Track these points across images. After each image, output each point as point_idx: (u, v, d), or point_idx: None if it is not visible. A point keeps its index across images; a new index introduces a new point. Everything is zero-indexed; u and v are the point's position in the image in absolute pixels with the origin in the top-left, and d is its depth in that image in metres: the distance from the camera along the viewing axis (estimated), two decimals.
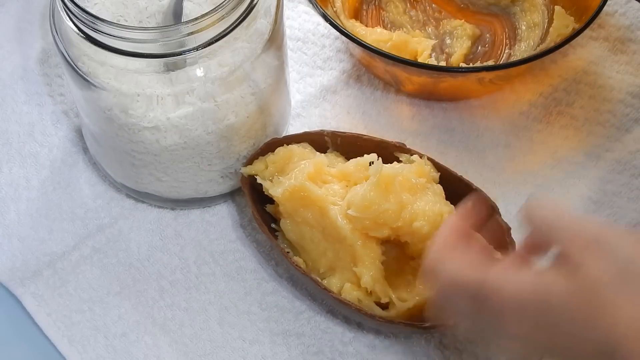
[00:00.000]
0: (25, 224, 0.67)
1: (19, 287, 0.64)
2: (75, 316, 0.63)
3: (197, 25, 0.56)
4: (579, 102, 0.72)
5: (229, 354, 0.62)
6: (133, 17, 0.61)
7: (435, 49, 0.73)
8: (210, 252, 0.66)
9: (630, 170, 0.68)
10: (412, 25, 0.75)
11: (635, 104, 0.71)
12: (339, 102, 0.73)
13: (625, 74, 0.73)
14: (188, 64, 0.58)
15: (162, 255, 0.66)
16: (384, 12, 0.76)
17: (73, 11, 0.56)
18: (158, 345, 0.62)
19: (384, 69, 0.70)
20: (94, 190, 0.68)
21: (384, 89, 0.73)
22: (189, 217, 0.67)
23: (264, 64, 0.61)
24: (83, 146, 0.70)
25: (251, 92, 0.62)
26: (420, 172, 0.61)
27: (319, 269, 0.62)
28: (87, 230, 0.67)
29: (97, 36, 0.56)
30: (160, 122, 0.60)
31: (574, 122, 0.71)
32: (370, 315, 0.59)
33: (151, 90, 0.58)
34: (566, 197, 0.67)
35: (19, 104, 0.73)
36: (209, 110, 0.60)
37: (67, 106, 0.72)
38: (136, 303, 0.64)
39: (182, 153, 0.62)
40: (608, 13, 0.75)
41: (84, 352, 0.62)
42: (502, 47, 0.74)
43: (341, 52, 0.75)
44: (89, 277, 0.65)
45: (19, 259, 0.66)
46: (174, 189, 0.66)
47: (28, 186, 0.69)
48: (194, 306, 0.64)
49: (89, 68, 0.59)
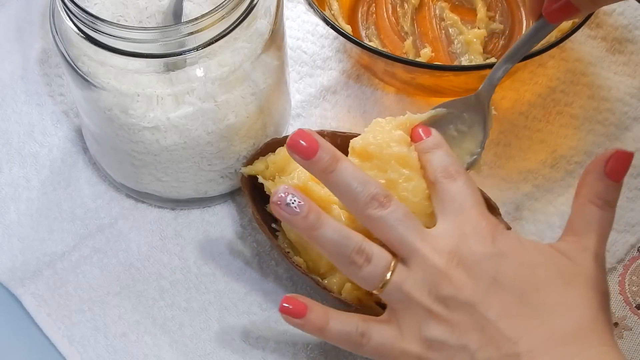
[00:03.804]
0: (25, 224, 0.67)
1: (19, 287, 0.64)
2: (75, 316, 0.63)
3: (197, 25, 0.56)
4: (578, 102, 0.72)
5: (229, 354, 0.62)
6: (133, 17, 0.61)
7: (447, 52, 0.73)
8: (210, 252, 0.66)
9: (629, 170, 0.68)
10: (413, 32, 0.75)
11: (633, 103, 0.71)
12: (339, 102, 0.73)
13: (623, 75, 0.73)
14: (188, 64, 0.58)
15: (162, 255, 0.66)
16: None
17: (73, 11, 0.56)
18: (158, 345, 0.62)
19: (383, 69, 0.70)
20: (94, 190, 0.68)
21: (384, 88, 0.73)
22: (189, 217, 0.67)
23: (264, 64, 0.61)
24: (83, 146, 0.70)
25: (251, 92, 0.62)
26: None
27: (319, 269, 0.62)
28: (87, 230, 0.67)
29: (97, 36, 0.56)
30: (160, 122, 0.60)
31: (573, 122, 0.71)
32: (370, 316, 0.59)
33: (151, 90, 0.58)
34: (566, 197, 0.67)
35: (19, 104, 0.73)
36: (209, 110, 0.60)
37: (67, 106, 0.72)
38: (136, 303, 0.64)
39: (182, 153, 0.62)
40: (606, 12, 0.76)
41: (84, 352, 0.62)
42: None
43: (340, 52, 0.75)
44: (89, 277, 0.65)
45: (19, 259, 0.66)
46: (174, 189, 0.66)
47: (28, 186, 0.69)
48: (194, 306, 0.64)
49: (89, 68, 0.59)
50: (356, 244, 0.56)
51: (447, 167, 0.58)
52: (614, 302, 0.64)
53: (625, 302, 0.64)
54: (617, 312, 0.63)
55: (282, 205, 0.56)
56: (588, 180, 0.56)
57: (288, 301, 0.57)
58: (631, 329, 0.63)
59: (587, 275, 0.54)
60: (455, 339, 0.53)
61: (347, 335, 0.56)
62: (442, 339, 0.53)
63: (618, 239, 0.66)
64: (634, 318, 0.63)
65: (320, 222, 0.56)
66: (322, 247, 0.57)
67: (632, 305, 0.64)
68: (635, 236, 0.66)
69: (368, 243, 0.56)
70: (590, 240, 0.55)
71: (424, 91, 0.72)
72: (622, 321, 0.63)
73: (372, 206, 0.56)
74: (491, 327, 0.52)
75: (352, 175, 0.56)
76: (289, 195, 0.56)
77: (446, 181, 0.57)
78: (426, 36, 0.75)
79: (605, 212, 0.55)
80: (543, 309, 0.52)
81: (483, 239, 0.54)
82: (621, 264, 0.65)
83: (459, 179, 0.57)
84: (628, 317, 0.63)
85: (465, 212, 0.56)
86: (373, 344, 0.56)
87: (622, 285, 0.64)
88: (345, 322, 0.57)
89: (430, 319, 0.54)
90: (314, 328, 0.57)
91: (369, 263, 0.55)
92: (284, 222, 0.57)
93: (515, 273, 0.53)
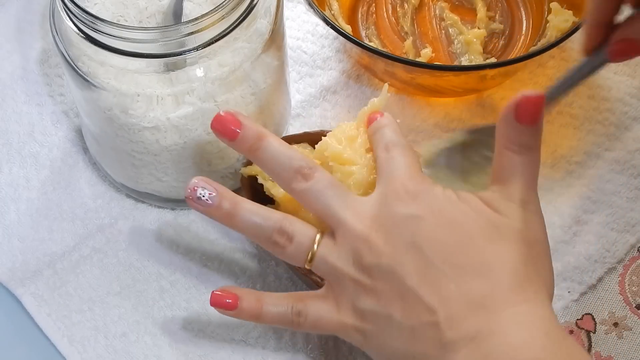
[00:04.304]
0: (25, 224, 0.67)
1: (19, 287, 0.64)
2: (75, 316, 0.63)
3: (197, 25, 0.56)
4: (578, 102, 0.72)
5: (229, 354, 0.62)
6: (133, 17, 0.61)
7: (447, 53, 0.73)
8: (210, 252, 0.66)
9: (629, 170, 0.69)
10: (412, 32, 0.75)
11: (633, 103, 0.71)
12: (339, 102, 0.73)
13: (623, 75, 0.73)
14: (188, 64, 0.58)
15: (162, 255, 0.66)
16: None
17: (73, 11, 0.56)
18: (158, 345, 0.62)
19: (383, 69, 0.70)
20: (94, 190, 0.68)
21: None
22: (189, 217, 0.67)
23: (264, 64, 0.61)
24: (83, 146, 0.70)
25: (251, 92, 0.62)
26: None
27: None
28: (87, 230, 0.67)
29: (97, 36, 0.56)
30: (160, 122, 0.60)
31: (573, 122, 0.71)
32: None
33: (151, 90, 0.58)
34: (566, 197, 0.67)
35: (19, 104, 0.73)
36: (209, 110, 0.60)
37: (67, 106, 0.72)
38: (136, 303, 0.64)
39: (182, 153, 0.62)
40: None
41: (84, 352, 0.62)
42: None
43: (340, 52, 0.75)
44: (89, 277, 0.65)
45: (19, 259, 0.66)
46: (174, 189, 0.66)
47: (28, 186, 0.69)
48: (194, 306, 0.64)
49: (89, 68, 0.59)
50: (275, 224, 0.56)
51: (387, 142, 0.57)
52: (614, 302, 0.64)
53: (625, 302, 0.64)
54: (617, 312, 0.63)
55: (194, 199, 0.57)
56: (500, 128, 0.54)
57: (217, 296, 0.57)
58: (631, 329, 0.63)
59: (511, 227, 0.52)
60: (382, 308, 0.52)
61: (283, 316, 0.56)
62: (372, 309, 0.53)
63: (618, 239, 0.66)
64: (634, 318, 0.63)
65: (236, 208, 0.56)
66: (243, 231, 0.57)
67: (632, 305, 0.64)
68: (635, 236, 0.66)
69: (289, 221, 0.56)
70: (514, 187, 0.53)
71: (424, 91, 0.72)
72: (622, 321, 0.63)
73: (296, 179, 0.56)
74: (411, 294, 0.51)
75: (277, 151, 0.56)
76: (198, 189, 0.57)
77: (383, 154, 0.57)
78: (426, 36, 0.75)
79: (524, 156, 0.53)
80: (461, 272, 0.51)
81: (402, 201, 0.53)
82: (621, 264, 0.65)
83: (394, 150, 0.57)
84: (628, 317, 0.63)
85: (393, 177, 0.55)
86: (310, 320, 0.56)
87: (622, 285, 0.64)
88: (279, 303, 0.57)
89: (359, 289, 0.54)
90: (249, 316, 0.57)
91: (291, 242, 0.55)
92: (201, 214, 0.58)
93: (434, 234, 0.52)
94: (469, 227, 0.52)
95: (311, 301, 0.56)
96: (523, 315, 0.50)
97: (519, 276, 0.51)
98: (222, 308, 0.58)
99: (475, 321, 0.50)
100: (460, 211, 0.53)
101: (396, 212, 0.53)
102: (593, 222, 0.66)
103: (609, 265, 0.65)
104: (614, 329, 0.63)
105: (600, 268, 0.65)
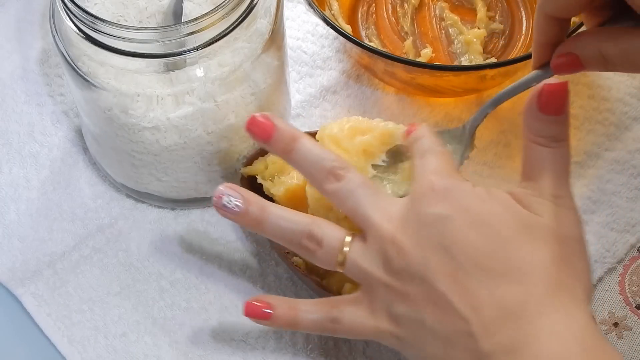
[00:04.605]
0: (25, 224, 0.67)
1: (19, 287, 0.64)
2: (75, 316, 0.63)
3: (197, 25, 0.56)
4: (578, 102, 0.72)
5: (229, 354, 0.62)
6: (133, 17, 0.61)
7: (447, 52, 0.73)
8: (210, 252, 0.66)
9: (629, 170, 0.69)
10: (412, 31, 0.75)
11: (633, 103, 0.71)
12: (339, 102, 0.73)
13: (623, 75, 0.73)
14: (188, 64, 0.58)
15: (162, 255, 0.66)
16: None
17: (73, 11, 0.56)
18: (158, 345, 0.62)
19: (383, 69, 0.70)
20: (94, 190, 0.68)
21: (384, 88, 0.73)
22: (189, 217, 0.67)
23: (264, 64, 0.61)
24: (83, 146, 0.70)
25: (251, 92, 0.62)
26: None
27: (319, 269, 0.61)
28: (87, 230, 0.67)
29: (97, 36, 0.56)
30: (160, 122, 0.60)
31: (573, 121, 0.71)
32: None
33: (151, 90, 0.58)
34: None
35: (19, 104, 0.73)
36: (209, 110, 0.60)
37: (67, 106, 0.72)
38: (136, 303, 0.64)
39: (182, 153, 0.62)
40: None
41: (84, 352, 0.62)
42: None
43: (340, 52, 0.75)
44: (89, 277, 0.65)
45: (19, 259, 0.66)
46: (174, 189, 0.66)
47: (28, 186, 0.69)
48: (194, 306, 0.64)
49: (89, 68, 0.59)
50: (305, 229, 0.55)
51: (423, 150, 0.56)
52: (614, 302, 0.64)
53: (625, 302, 0.64)
54: (617, 312, 0.63)
55: (220, 207, 0.56)
56: (525, 121, 0.53)
57: (253, 306, 0.57)
58: (631, 329, 0.63)
59: (543, 225, 0.51)
60: (415, 313, 0.51)
61: (319, 323, 0.56)
62: (405, 314, 0.52)
63: (618, 239, 0.66)
64: (634, 318, 0.63)
65: (264, 214, 0.56)
66: (273, 237, 0.57)
67: (632, 305, 0.64)
68: (635, 236, 0.66)
69: (318, 225, 0.55)
70: (544, 182, 0.52)
71: (424, 91, 0.72)
72: (622, 321, 0.63)
73: (328, 181, 0.55)
74: (443, 300, 0.50)
75: (310, 152, 0.56)
76: (224, 197, 0.56)
77: (418, 161, 0.56)
78: (426, 36, 0.75)
79: (552, 149, 0.52)
80: (493, 276, 0.50)
81: (430, 199, 0.52)
82: (621, 264, 0.65)
83: (428, 155, 0.55)
84: (628, 317, 0.63)
85: (423, 177, 0.54)
86: (346, 326, 0.55)
87: (622, 285, 0.64)
88: (314, 311, 0.56)
89: (391, 293, 0.52)
90: (284, 324, 0.57)
91: (321, 246, 0.55)
92: (231, 221, 0.57)
93: (464, 236, 0.50)
94: (500, 227, 0.51)
95: (346, 307, 0.55)
96: (559, 324, 0.49)
97: (553, 280, 0.50)
98: (258, 318, 0.57)
99: (510, 332, 0.49)
100: (491, 209, 0.52)
101: (424, 212, 0.52)
102: (593, 222, 0.66)
103: (609, 265, 0.65)
104: (614, 329, 0.63)
105: (600, 268, 0.65)
